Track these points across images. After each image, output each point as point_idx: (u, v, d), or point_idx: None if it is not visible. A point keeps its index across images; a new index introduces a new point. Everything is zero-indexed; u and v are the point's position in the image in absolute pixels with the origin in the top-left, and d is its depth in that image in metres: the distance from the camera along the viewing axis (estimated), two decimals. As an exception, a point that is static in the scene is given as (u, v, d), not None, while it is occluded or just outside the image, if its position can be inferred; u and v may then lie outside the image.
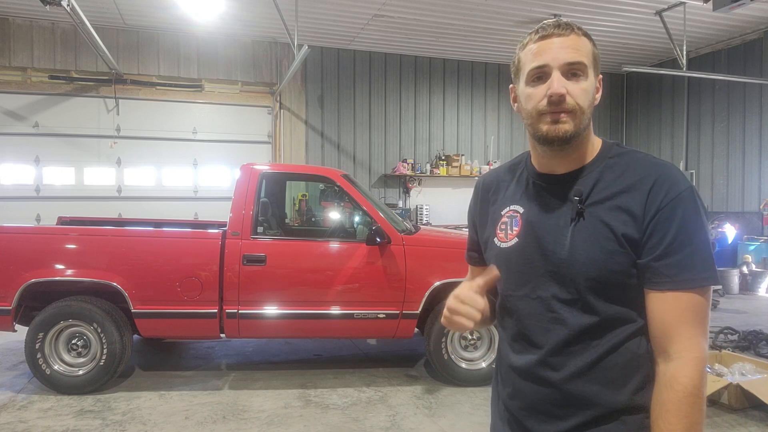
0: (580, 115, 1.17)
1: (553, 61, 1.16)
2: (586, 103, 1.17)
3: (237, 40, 9.74)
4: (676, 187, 1.14)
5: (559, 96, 1.14)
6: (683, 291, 1.11)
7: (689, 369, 1.10)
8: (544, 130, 1.18)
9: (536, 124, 1.19)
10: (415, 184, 10.84)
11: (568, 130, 1.16)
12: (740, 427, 3.83)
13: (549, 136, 1.17)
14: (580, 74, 1.17)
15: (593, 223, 1.17)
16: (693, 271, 1.11)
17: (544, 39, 1.18)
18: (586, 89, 1.17)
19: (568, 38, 1.17)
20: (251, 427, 3.83)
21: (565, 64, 1.16)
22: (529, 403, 1.26)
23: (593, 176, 1.21)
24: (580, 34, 1.18)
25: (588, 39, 1.20)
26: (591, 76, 1.18)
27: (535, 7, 8.35)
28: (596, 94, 1.22)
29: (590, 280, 1.16)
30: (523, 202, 1.29)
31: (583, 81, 1.17)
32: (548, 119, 1.17)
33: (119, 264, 4.41)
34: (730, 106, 10.17)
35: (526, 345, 1.26)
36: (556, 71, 1.16)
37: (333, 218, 6.23)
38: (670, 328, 1.12)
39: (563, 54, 1.16)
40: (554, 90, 1.15)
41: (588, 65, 1.17)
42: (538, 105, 1.18)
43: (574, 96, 1.15)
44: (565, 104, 1.15)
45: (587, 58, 1.18)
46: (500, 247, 1.31)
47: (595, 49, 1.20)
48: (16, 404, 4.17)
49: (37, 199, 9.07)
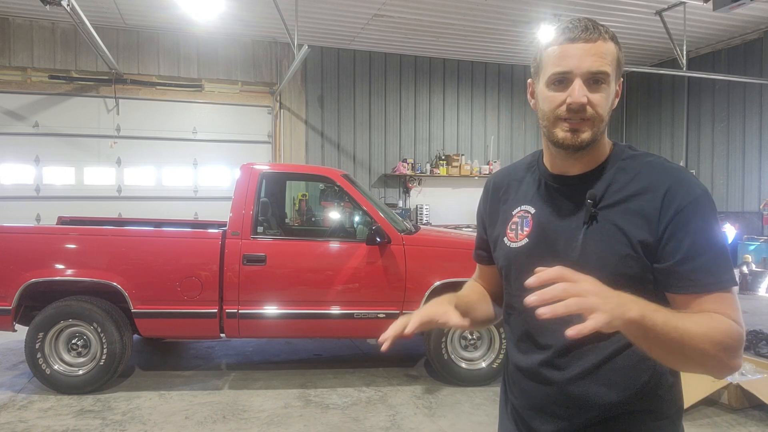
0: (598, 123, 1.16)
1: (576, 69, 1.13)
2: (606, 110, 1.16)
3: (237, 40, 9.73)
4: (691, 192, 1.13)
5: (579, 105, 1.13)
6: (710, 294, 1.10)
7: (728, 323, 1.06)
8: (560, 137, 1.17)
9: (552, 128, 1.18)
10: (415, 183, 10.84)
11: (585, 139, 1.15)
12: (740, 427, 3.83)
13: (565, 143, 1.17)
14: (603, 83, 1.15)
15: (606, 226, 1.16)
16: (717, 273, 1.10)
17: (570, 42, 1.14)
18: (606, 97, 1.16)
19: (595, 45, 1.14)
20: (251, 426, 3.83)
21: (589, 72, 1.13)
22: (534, 403, 1.26)
23: (606, 179, 1.20)
24: (607, 38, 1.15)
25: (614, 42, 1.17)
26: (612, 83, 1.16)
27: (535, 7, 8.33)
28: (615, 98, 1.21)
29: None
30: (535, 203, 1.28)
31: (605, 89, 1.15)
32: (566, 126, 1.16)
33: (119, 264, 4.41)
34: (730, 106, 10.16)
35: (532, 345, 1.26)
36: (578, 79, 1.13)
37: (333, 218, 6.22)
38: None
39: (587, 62, 1.13)
40: (575, 99, 1.13)
41: (611, 73, 1.15)
42: (556, 110, 1.16)
43: (594, 105, 1.14)
44: (584, 113, 1.14)
45: (611, 65, 1.15)
46: (510, 246, 1.30)
47: (619, 52, 1.18)
48: (16, 404, 4.18)
49: (37, 199, 9.06)
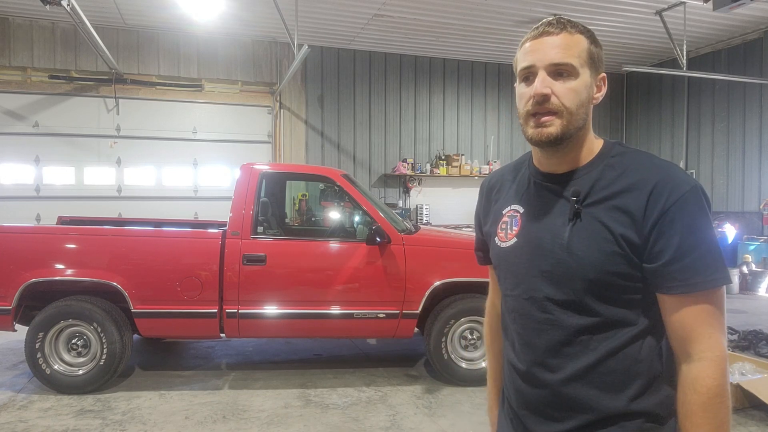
0: (567, 116, 1.15)
1: (539, 62, 1.15)
2: (575, 103, 1.15)
3: (237, 39, 9.73)
4: (678, 189, 1.11)
5: (542, 96, 1.13)
6: (698, 293, 1.10)
7: (711, 369, 1.09)
8: (530, 133, 1.18)
9: (524, 125, 1.20)
10: (415, 183, 10.84)
11: (552, 132, 1.15)
12: (740, 427, 3.83)
13: (534, 139, 1.18)
14: (569, 75, 1.15)
15: (591, 223, 1.15)
16: (706, 272, 1.10)
17: (537, 38, 1.17)
18: (573, 89, 1.15)
19: (558, 37, 1.15)
20: (251, 426, 3.83)
21: (551, 64, 1.14)
22: (528, 403, 1.26)
23: (593, 176, 1.19)
24: (574, 32, 1.16)
25: (584, 36, 1.17)
26: (584, 75, 1.16)
27: (535, 7, 8.35)
28: (597, 93, 1.20)
29: (587, 281, 1.14)
30: (524, 202, 1.28)
31: (571, 81, 1.15)
32: (532, 122, 1.17)
33: (119, 264, 4.41)
34: (730, 106, 10.17)
35: (523, 345, 1.26)
36: (541, 71, 1.15)
37: (333, 218, 6.22)
38: (689, 330, 1.11)
39: (550, 54, 1.14)
40: (537, 90, 1.14)
41: (577, 65, 1.15)
42: (525, 105, 1.17)
43: (559, 96, 1.14)
44: (549, 104, 1.14)
45: (578, 57, 1.15)
46: (500, 246, 1.31)
47: (592, 46, 1.18)
48: (16, 404, 4.18)
49: (37, 199, 9.07)
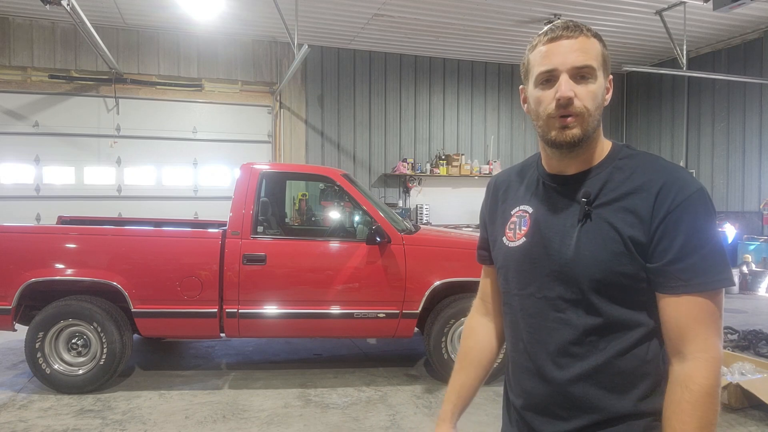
0: (587, 118, 1.17)
1: (561, 65, 1.16)
2: (594, 105, 1.18)
3: (237, 39, 9.73)
4: (685, 190, 1.13)
5: (567, 99, 1.15)
6: (698, 294, 1.11)
7: (705, 369, 1.10)
8: (553, 136, 1.19)
9: (545, 128, 1.20)
10: (415, 183, 10.84)
11: (576, 134, 1.17)
12: (740, 426, 3.83)
13: (557, 141, 1.19)
14: (589, 77, 1.17)
15: (600, 224, 1.17)
16: (708, 274, 1.11)
17: (553, 41, 1.18)
18: (594, 92, 1.17)
19: (577, 40, 1.17)
20: (251, 426, 3.83)
21: (573, 67, 1.16)
22: (535, 403, 1.26)
23: (602, 177, 1.21)
24: (590, 35, 1.18)
25: (597, 40, 1.19)
26: (600, 77, 1.18)
27: (535, 7, 8.34)
28: (606, 95, 1.22)
29: (595, 282, 1.16)
30: (533, 203, 1.30)
31: (592, 84, 1.17)
32: (557, 125, 1.18)
33: (119, 263, 4.41)
34: (730, 106, 10.17)
35: (534, 343, 1.26)
36: (564, 74, 1.16)
37: (333, 218, 6.23)
38: (685, 330, 1.12)
39: (572, 57, 1.16)
40: (562, 93, 1.15)
41: (596, 68, 1.17)
42: (547, 108, 1.18)
43: (582, 99, 1.16)
44: (572, 107, 1.16)
45: (596, 60, 1.17)
46: (508, 246, 1.32)
47: (604, 49, 1.20)
48: (16, 403, 4.18)
49: (37, 199, 9.06)
